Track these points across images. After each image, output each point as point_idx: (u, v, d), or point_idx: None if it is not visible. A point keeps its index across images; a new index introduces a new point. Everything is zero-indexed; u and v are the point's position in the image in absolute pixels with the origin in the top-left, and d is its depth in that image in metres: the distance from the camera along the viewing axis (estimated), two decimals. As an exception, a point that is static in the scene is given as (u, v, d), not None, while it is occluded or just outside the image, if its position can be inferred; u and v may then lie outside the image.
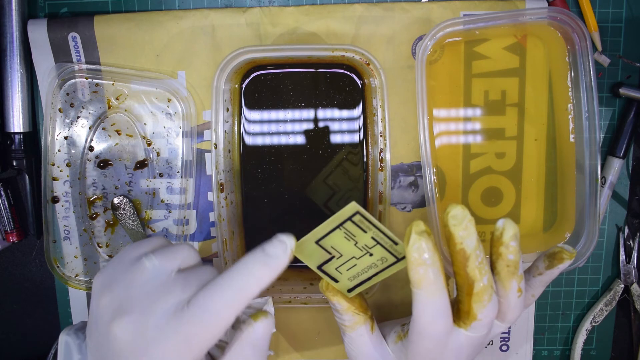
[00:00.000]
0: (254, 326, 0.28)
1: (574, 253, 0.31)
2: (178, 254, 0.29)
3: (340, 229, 0.29)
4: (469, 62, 0.39)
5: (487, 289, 0.29)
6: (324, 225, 0.29)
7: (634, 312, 0.43)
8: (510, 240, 0.29)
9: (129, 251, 0.30)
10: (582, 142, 0.37)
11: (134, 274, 0.28)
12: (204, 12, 0.39)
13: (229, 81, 0.37)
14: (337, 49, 0.36)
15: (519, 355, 0.43)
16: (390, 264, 0.31)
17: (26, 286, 0.44)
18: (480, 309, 0.29)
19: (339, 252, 0.30)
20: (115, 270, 0.28)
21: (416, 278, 0.28)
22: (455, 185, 0.40)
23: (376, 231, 0.29)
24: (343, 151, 0.39)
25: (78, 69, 0.39)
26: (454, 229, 0.28)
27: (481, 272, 0.28)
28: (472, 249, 0.28)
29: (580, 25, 0.35)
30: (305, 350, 0.43)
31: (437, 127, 0.40)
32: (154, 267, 0.28)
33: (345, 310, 0.32)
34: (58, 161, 0.40)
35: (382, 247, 0.30)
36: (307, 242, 0.29)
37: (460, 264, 0.28)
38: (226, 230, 0.38)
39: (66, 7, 0.40)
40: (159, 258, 0.28)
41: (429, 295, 0.28)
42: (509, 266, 0.29)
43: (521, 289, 0.30)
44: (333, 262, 0.31)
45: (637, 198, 0.42)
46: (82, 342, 0.30)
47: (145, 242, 0.30)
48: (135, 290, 0.27)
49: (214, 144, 0.37)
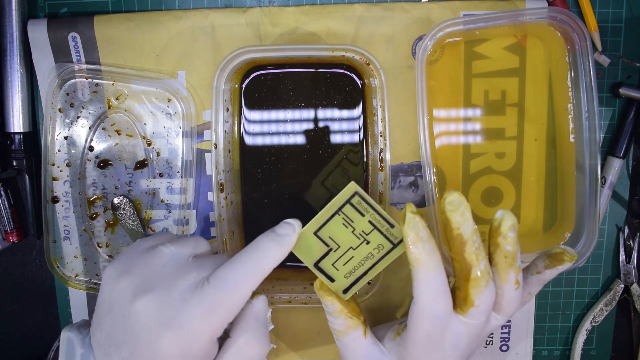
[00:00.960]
0: (253, 302, 0.31)
1: (575, 256, 0.31)
2: (191, 242, 0.32)
3: (339, 215, 0.31)
4: (469, 62, 0.39)
5: (484, 275, 0.29)
6: (324, 212, 0.31)
7: (634, 312, 0.43)
8: (508, 231, 0.29)
9: (142, 242, 0.31)
10: (582, 142, 0.37)
11: (152, 258, 0.30)
12: (204, 12, 0.39)
13: (229, 81, 0.37)
14: (337, 49, 0.36)
15: (519, 355, 0.43)
16: (386, 251, 0.31)
17: (26, 286, 0.44)
18: (477, 294, 0.29)
19: (337, 242, 0.31)
20: (131, 258, 0.30)
21: (415, 255, 0.28)
22: (455, 185, 0.40)
23: (374, 213, 0.31)
24: (343, 151, 0.39)
25: (78, 69, 0.39)
26: (451, 215, 0.28)
27: (478, 258, 0.29)
28: (469, 234, 0.28)
29: (580, 25, 0.35)
30: (305, 350, 0.43)
31: (437, 127, 0.40)
32: (171, 252, 0.30)
33: (339, 312, 0.32)
34: (58, 161, 0.40)
35: (379, 231, 0.31)
36: (305, 233, 0.31)
37: (458, 249, 0.29)
38: (226, 230, 0.38)
39: (66, 7, 0.40)
40: (175, 245, 0.31)
41: (429, 271, 0.29)
42: (506, 257, 0.29)
43: (519, 281, 0.30)
44: (330, 257, 0.31)
45: (637, 198, 0.42)
46: (84, 337, 0.30)
47: (156, 235, 0.33)
48: (155, 271, 0.29)
49: (214, 144, 0.37)
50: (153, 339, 0.27)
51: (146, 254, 0.30)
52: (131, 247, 0.31)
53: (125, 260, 0.30)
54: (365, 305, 0.41)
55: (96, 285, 0.41)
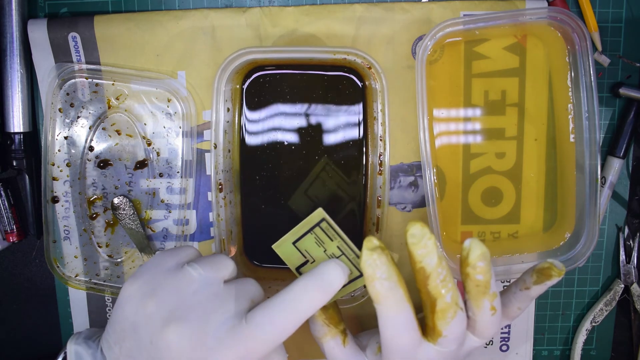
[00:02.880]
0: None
1: (562, 270, 0.30)
2: (218, 263, 0.30)
3: (311, 234, 0.31)
4: (469, 62, 0.39)
5: (450, 306, 0.28)
6: (296, 229, 0.31)
7: (634, 312, 0.43)
8: (477, 261, 0.28)
9: (164, 258, 0.30)
10: (582, 142, 0.37)
11: (180, 281, 0.28)
12: (204, 12, 0.39)
13: (230, 81, 0.37)
14: (339, 52, 0.36)
15: (519, 355, 0.43)
16: (354, 277, 0.32)
17: (26, 286, 0.44)
18: (444, 325, 0.29)
19: (312, 257, 0.32)
20: (155, 277, 0.29)
21: (373, 293, 0.28)
22: (455, 185, 0.40)
23: (341, 241, 0.31)
24: (343, 152, 0.39)
25: (78, 69, 0.39)
26: (413, 248, 0.28)
27: (443, 290, 0.28)
28: (432, 267, 0.28)
29: (580, 25, 0.35)
30: (305, 350, 0.42)
31: (437, 127, 0.40)
32: (201, 276, 0.29)
33: (316, 317, 0.32)
34: (58, 161, 0.40)
35: (347, 258, 0.31)
36: (285, 242, 0.32)
37: (422, 282, 0.28)
38: (224, 230, 0.38)
39: (66, 7, 0.40)
40: (203, 267, 0.29)
41: (389, 309, 0.28)
42: (478, 286, 0.29)
43: (495, 307, 0.29)
44: (307, 266, 0.32)
45: (637, 198, 0.42)
46: (95, 351, 0.29)
47: (178, 251, 0.31)
48: (186, 298, 0.28)
49: (213, 143, 0.37)
50: None
51: (173, 276, 0.29)
52: (153, 264, 0.30)
53: (150, 279, 0.29)
54: (354, 311, 0.41)
55: (96, 285, 0.41)
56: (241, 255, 0.41)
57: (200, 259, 0.30)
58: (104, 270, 0.42)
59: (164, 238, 0.41)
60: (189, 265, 0.29)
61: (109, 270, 0.42)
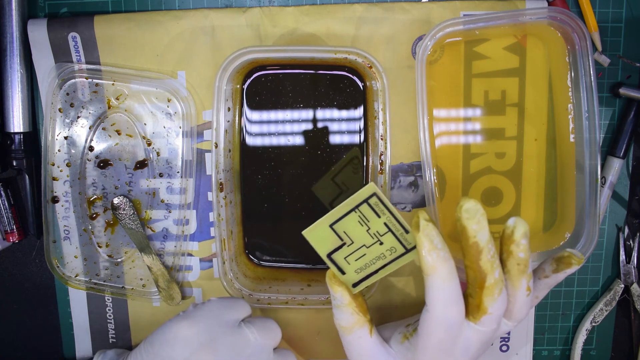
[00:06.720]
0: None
1: (582, 259, 0.31)
2: (272, 331, 0.34)
3: (355, 212, 0.31)
4: (469, 62, 0.39)
5: (498, 283, 0.29)
6: (341, 207, 0.31)
7: (634, 312, 0.43)
8: (521, 238, 0.29)
9: (221, 310, 0.33)
10: (582, 142, 0.37)
11: (237, 341, 0.32)
12: (204, 12, 0.39)
13: (230, 81, 0.37)
14: (339, 51, 0.36)
15: (519, 356, 0.43)
16: (398, 255, 0.31)
17: (26, 286, 0.44)
18: (491, 302, 0.29)
19: (351, 238, 0.31)
20: (213, 328, 0.32)
21: (430, 263, 0.28)
22: (455, 185, 0.40)
23: (389, 216, 0.30)
24: (342, 153, 0.39)
25: (78, 69, 0.39)
26: (467, 222, 0.28)
27: (493, 266, 0.29)
28: (484, 242, 0.28)
29: (580, 25, 0.35)
30: (305, 350, 0.42)
31: (437, 127, 0.40)
32: (256, 341, 0.33)
33: (347, 305, 0.32)
34: (58, 161, 0.40)
35: (393, 235, 0.31)
36: (321, 224, 0.31)
37: (473, 257, 0.29)
38: (225, 230, 0.38)
39: (66, 7, 0.40)
40: (259, 333, 0.33)
41: (443, 279, 0.29)
42: (519, 264, 0.29)
43: (530, 287, 0.30)
44: (343, 250, 0.31)
45: (637, 198, 0.42)
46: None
47: (234, 304, 0.34)
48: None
49: (214, 143, 0.37)
50: None
51: (231, 334, 0.32)
52: (211, 312, 0.32)
53: (208, 329, 0.31)
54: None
55: (96, 285, 0.41)
56: (241, 255, 0.41)
57: (255, 321, 0.34)
58: (104, 270, 0.42)
59: (164, 238, 0.41)
60: (246, 327, 0.33)
61: (109, 270, 0.42)
